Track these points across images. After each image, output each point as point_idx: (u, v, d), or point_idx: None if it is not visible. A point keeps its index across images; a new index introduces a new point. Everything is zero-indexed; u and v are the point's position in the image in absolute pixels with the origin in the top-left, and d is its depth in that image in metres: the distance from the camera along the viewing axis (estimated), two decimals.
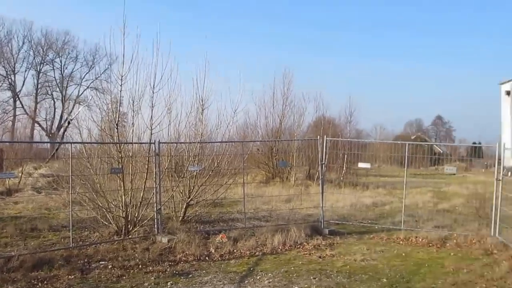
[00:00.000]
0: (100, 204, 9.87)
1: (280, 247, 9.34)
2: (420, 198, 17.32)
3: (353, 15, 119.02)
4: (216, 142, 12.48)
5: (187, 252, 8.66)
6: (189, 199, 11.45)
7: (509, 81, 50.66)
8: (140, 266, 7.85)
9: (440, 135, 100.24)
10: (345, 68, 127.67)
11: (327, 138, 12.02)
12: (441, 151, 50.54)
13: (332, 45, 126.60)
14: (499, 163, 10.36)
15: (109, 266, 7.75)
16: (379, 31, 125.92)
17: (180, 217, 11.29)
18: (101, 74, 26.48)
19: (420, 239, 10.18)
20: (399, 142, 13.44)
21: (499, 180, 10.19)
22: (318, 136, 11.80)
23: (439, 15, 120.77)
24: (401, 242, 10.13)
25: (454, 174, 35.32)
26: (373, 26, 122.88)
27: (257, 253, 8.98)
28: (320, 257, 8.74)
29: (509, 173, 28.13)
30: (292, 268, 7.94)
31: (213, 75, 12.06)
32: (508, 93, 50.74)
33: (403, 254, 9.05)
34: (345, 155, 20.42)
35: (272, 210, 13.71)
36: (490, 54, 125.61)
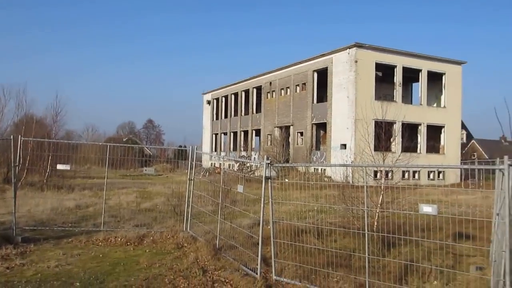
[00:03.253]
0: None
1: None
2: (125, 198, 17.69)
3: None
4: None
5: None
6: None
7: (209, 92, 57.14)
8: None
9: (151, 138, 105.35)
10: (54, 64, 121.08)
11: (25, 138, 11.06)
12: (151, 153, 52.91)
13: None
14: (192, 165, 11.51)
15: None
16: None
17: None
18: None
19: (119, 239, 10.41)
20: (102, 144, 13.40)
21: (191, 180, 11.34)
22: (12, 136, 10.68)
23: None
24: (100, 243, 10.14)
25: (159, 175, 37.67)
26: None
27: None
28: (8, 268, 7.97)
29: (207, 173, 31.42)
30: None
31: None
32: (208, 102, 57.24)
33: (101, 255, 9.10)
34: (50, 157, 19.19)
35: None
36: (196, 66, 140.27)
